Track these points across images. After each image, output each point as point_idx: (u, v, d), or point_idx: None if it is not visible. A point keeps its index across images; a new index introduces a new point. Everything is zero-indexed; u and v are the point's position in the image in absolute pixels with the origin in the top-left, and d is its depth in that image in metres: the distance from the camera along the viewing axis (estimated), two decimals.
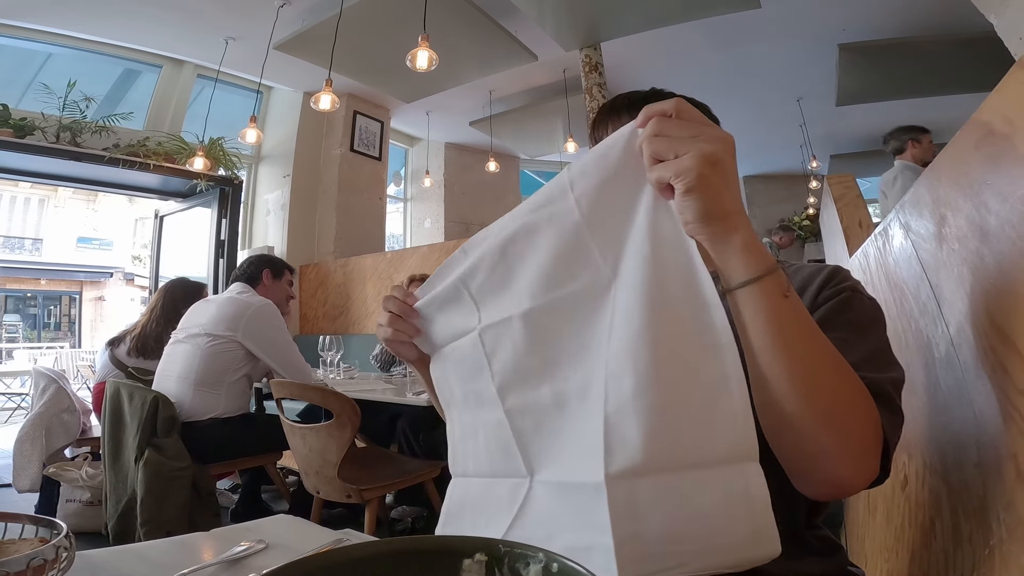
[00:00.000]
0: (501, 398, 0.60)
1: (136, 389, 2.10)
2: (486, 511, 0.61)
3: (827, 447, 0.52)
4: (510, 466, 0.59)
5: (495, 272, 0.60)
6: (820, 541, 0.69)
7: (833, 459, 0.53)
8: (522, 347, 0.58)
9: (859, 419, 0.53)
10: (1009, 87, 0.55)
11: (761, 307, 0.51)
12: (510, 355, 0.59)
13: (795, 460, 0.55)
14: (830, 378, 0.53)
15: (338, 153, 4.95)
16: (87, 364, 7.61)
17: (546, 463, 0.56)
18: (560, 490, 0.54)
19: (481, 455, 0.63)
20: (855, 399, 0.53)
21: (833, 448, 0.52)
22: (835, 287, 0.68)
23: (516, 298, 0.58)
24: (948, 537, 0.62)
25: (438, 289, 0.66)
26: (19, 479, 2.58)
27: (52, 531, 0.51)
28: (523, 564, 0.41)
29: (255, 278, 2.44)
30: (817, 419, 0.52)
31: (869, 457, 0.54)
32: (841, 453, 0.52)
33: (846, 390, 0.53)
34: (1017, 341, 0.49)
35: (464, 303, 0.63)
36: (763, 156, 6.93)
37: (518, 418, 0.59)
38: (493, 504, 0.60)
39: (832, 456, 0.52)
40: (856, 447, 0.53)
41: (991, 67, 1.56)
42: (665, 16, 3.55)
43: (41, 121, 3.69)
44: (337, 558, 0.44)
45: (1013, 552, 0.46)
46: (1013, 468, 0.48)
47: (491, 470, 0.62)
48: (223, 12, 3.69)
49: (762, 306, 0.51)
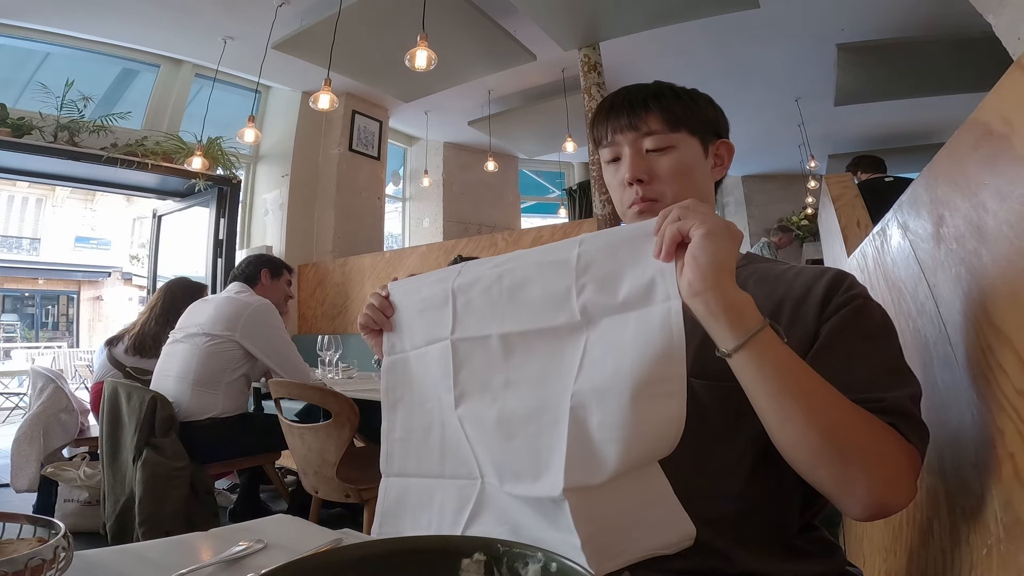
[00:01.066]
0: (457, 405, 0.65)
1: (134, 389, 2.10)
2: (430, 509, 0.66)
3: (856, 476, 0.55)
4: (461, 469, 0.64)
5: (487, 293, 0.66)
6: (818, 542, 0.69)
7: (867, 486, 0.55)
8: (492, 364, 0.64)
9: (879, 444, 0.56)
10: (1007, 87, 0.55)
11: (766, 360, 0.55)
12: (479, 368, 0.65)
13: (833, 492, 0.58)
14: (840, 413, 0.56)
15: (337, 153, 4.95)
16: (85, 364, 7.60)
17: (496, 470, 0.61)
18: (516, 497, 0.59)
19: (432, 455, 0.67)
20: (870, 428, 0.57)
21: (863, 477, 0.55)
22: (846, 295, 0.66)
23: (498, 320, 0.64)
24: (946, 537, 0.62)
25: (426, 292, 0.71)
26: (17, 479, 2.57)
27: (50, 531, 0.51)
28: (522, 563, 0.41)
29: (253, 278, 2.44)
30: (838, 454, 0.55)
31: (904, 478, 0.56)
32: (873, 480, 0.55)
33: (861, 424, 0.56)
34: (1015, 341, 0.49)
35: (445, 313, 0.68)
36: (761, 156, 6.93)
37: (472, 426, 0.64)
38: (438, 503, 0.66)
39: (865, 484, 0.55)
40: (887, 472, 0.56)
41: (989, 67, 1.57)
42: (663, 16, 3.55)
43: (39, 120, 3.68)
44: (336, 558, 0.44)
45: (1011, 552, 0.46)
46: (1011, 468, 0.48)
47: (440, 471, 0.67)
48: (221, 11, 3.68)
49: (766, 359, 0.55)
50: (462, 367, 0.66)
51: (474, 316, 0.66)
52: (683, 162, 0.76)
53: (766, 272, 0.75)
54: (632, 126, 0.77)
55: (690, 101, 0.80)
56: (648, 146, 0.76)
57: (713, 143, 0.81)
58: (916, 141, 6.10)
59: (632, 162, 0.76)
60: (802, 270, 0.73)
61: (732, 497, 0.65)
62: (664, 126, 0.76)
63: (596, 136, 0.83)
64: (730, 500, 0.65)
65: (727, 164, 0.83)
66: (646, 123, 0.76)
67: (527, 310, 0.63)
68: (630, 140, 0.77)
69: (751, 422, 0.60)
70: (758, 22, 3.78)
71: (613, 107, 0.80)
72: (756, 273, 0.75)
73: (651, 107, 0.77)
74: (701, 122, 0.79)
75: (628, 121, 0.77)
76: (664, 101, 0.78)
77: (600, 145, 0.82)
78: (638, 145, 0.77)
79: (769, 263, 0.80)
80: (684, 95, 0.80)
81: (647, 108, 0.77)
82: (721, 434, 0.65)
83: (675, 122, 0.77)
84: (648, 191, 0.76)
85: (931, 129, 5.83)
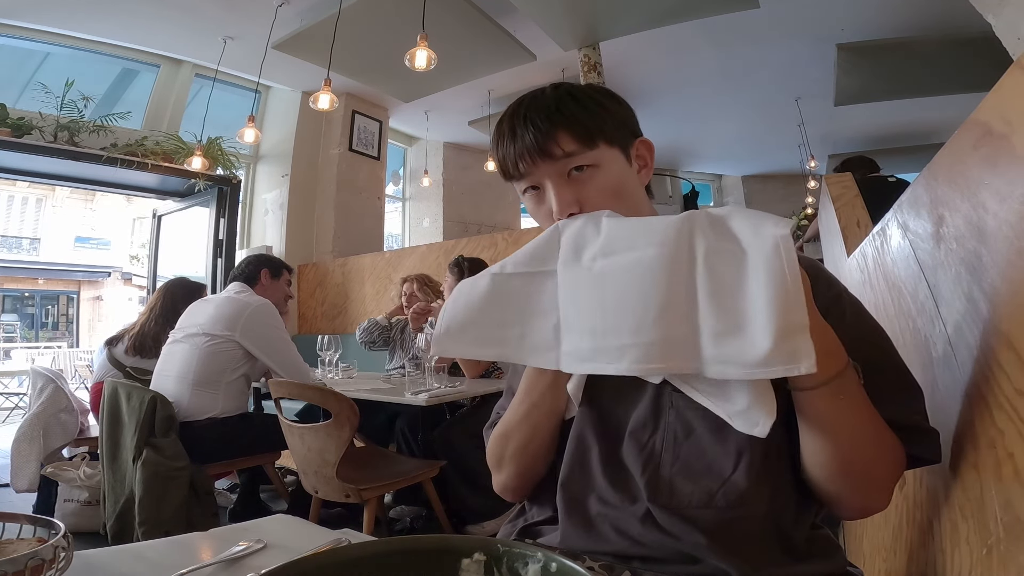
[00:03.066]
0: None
1: (134, 389, 2.10)
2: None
3: (859, 492, 0.62)
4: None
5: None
6: (820, 541, 0.69)
7: (864, 501, 0.64)
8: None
9: (889, 467, 0.61)
10: (1007, 87, 0.55)
11: (840, 400, 0.56)
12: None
13: (831, 501, 0.65)
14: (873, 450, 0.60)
15: (336, 153, 4.95)
16: (85, 364, 7.60)
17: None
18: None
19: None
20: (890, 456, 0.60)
21: (864, 493, 0.62)
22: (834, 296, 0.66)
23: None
24: (946, 537, 0.62)
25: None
26: (17, 479, 2.57)
27: (50, 531, 0.51)
28: (522, 563, 0.41)
29: (253, 278, 2.44)
30: (853, 477, 0.61)
31: (893, 486, 0.63)
32: (871, 495, 0.62)
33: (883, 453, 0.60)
34: (1015, 341, 0.49)
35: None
36: (761, 156, 6.94)
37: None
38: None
39: (863, 499, 0.63)
40: (885, 484, 0.62)
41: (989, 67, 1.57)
42: (664, 16, 3.56)
43: (39, 120, 3.68)
44: (335, 558, 0.44)
45: (1011, 552, 0.46)
46: (1011, 468, 0.48)
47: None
48: (221, 11, 3.69)
49: (840, 399, 0.56)
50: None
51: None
52: (610, 181, 0.69)
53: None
54: (544, 152, 0.68)
55: (597, 107, 0.70)
56: (569, 169, 0.68)
57: (631, 146, 0.73)
58: (916, 141, 6.10)
59: (557, 195, 0.68)
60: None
61: (733, 499, 0.65)
62: (578, 144, 0.68)
63: (504, 167, 0.72)
64: (732, 502, 0.65)
65: (651, 164, 0.76)
66: (558, 145, 0.67)
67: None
68: (547, 169, 0.69)
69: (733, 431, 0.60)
70: (758, 22, 3.79)
71: (514, 133, 0.70)
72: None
73: (559, 125, 0.68)
74: (615, 127, 0.71)
75: (537, 147, 0.68)
76: (570, 114, 0.68)
77: (510, 177, 0.73)
78: (558, 171, 0.69)
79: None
80: (587, 100, 0.71)
81: (555, 127, 0.68)
82: (720, 437, 0.65)
83: (588, 137, 0.68)
84: None
85: (931, 129, 5.84)
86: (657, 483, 0.66)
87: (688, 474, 0.66)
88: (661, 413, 0.68)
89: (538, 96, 0.71)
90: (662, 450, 0.68)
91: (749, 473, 0.64)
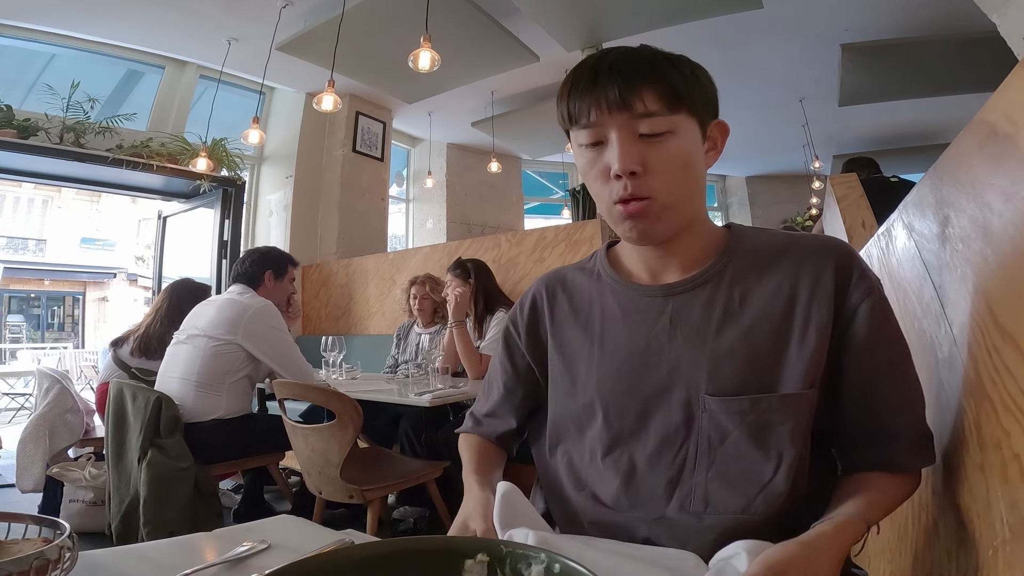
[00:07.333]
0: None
1: (139, 389, 2.11)
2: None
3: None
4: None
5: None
6: None
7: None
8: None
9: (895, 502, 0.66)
10: (1012, 87, 0.54)
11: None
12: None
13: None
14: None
15: (340, 154, 4.96)
16: (90, 364, 7.63)
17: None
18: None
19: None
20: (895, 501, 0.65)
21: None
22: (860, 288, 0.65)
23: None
24: (951, 538, 0.61)
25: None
26: (22, 479, 2.58)
27: (55, 531, 0.51)
28: (524, 564, 0.41)
29: (256, 279, 2.43)
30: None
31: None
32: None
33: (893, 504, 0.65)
34: (1020, 342, 0.49)
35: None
36: (765, 156, 6.92)
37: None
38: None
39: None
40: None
41: (994, 67, 1.56)
42: (667, 16, 3.55)
43: (45, 122, 3.69)
44: (339, 558, 0.44)
45: (1017, 553, 0.46)
46: (1017, 469, 0.48)
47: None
48: (225, 13, 3.70)
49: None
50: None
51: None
52: (682, 152, 0.65)
53: (758, 255, 0.70)
54: (624, 104, 0.63)
55: (690, 75, 0.66)
56: (643, 130, 0.63)
57: (709, 125, 0.69)
58: (921, 141, 6.07)
59: (623, 151, 0.63)
60: (801, 251, 0.68)
61: (752, 509, 0.64)
62: (662, 105, 0.63)
63: (572, 112, 0.66)
64: (750, 512, 0.64)
65: (721, 148, 0.72)
66: (642, 101, 0.63)
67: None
68: (621, 123, 0.63)
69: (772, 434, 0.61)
70: (762, 22, 3.78)
71: (597, 78, 0.64)
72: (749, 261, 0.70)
73: (648, 81, 0.63)
74: (702, 100, 0.67)
75: (619, 98, 0.63)
76: (662, 73, 0.64)
77: (575, 124, 0.67)
78: (631, 129, 0.63)
79: (758, 239, 0.72)
80: (683, 66, 0.67)
81: (644, 82, 0.63)
82: (743, 451, 0.65)
83: (676, 100, 0.64)
84: (639, 187, 0.63)
85: (936, 129, 5.81)
86: (690, 490, 0.66)
87: (724, 481, 0.65)
88: (693, 419, 0.67)
89: (629, 50, 0.66)
90: (697, 455, 0.66)
91: (788, 476, 0.63)
